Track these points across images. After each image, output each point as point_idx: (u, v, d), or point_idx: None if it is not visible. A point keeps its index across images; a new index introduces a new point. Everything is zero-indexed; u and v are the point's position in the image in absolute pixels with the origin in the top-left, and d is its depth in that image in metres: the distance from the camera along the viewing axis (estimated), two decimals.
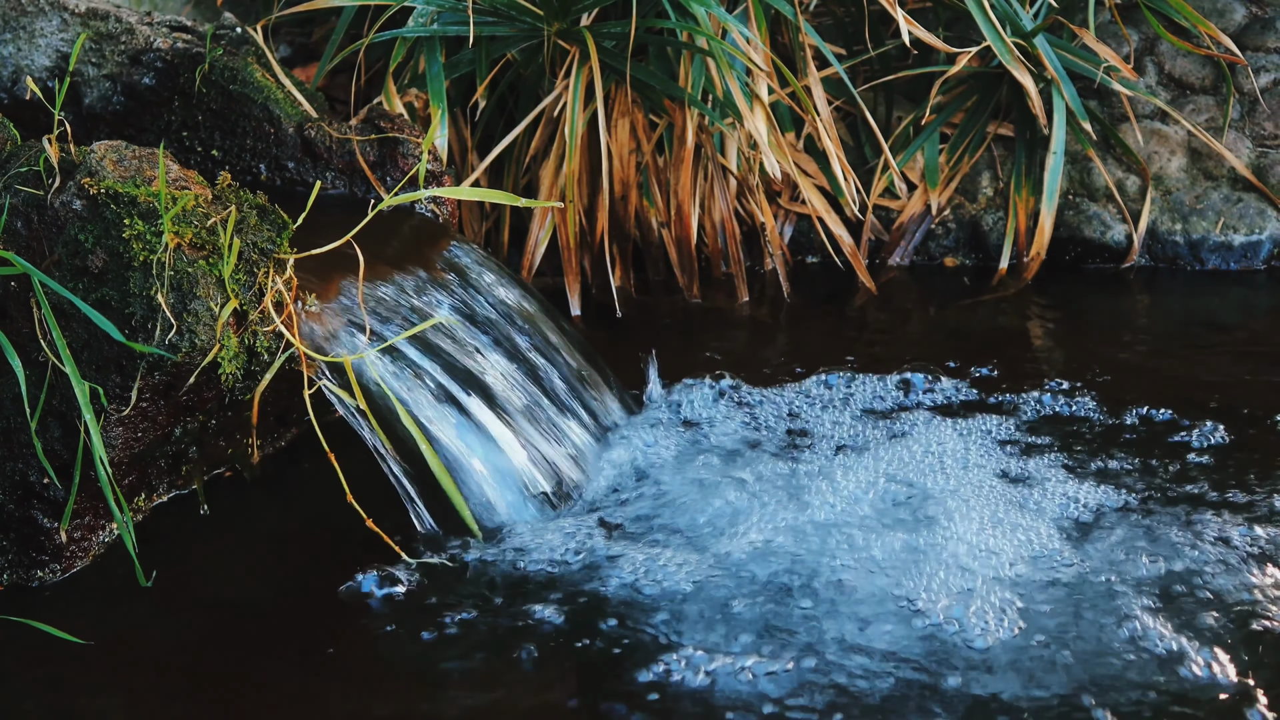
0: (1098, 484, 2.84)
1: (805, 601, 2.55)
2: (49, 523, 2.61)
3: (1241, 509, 2.76)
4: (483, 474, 2.78)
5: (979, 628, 2.45)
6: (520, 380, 2.91)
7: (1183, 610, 2.50)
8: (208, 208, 2.56)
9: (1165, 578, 2.57)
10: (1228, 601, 2.52)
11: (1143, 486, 2.85)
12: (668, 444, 3.00)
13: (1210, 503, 2.79)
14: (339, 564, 2.68)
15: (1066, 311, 3.64)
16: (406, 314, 2.80)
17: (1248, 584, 2.56)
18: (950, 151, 3.85)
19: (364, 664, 2.49)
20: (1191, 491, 2.83)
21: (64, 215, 2.54)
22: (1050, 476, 2.87)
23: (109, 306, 2.50)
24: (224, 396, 2.65)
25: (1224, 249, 3.77)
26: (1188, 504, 2.79)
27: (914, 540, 2.65)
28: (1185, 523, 2.71)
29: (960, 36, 3.78)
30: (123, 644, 2.54)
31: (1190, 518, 2.73)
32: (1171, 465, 2.91)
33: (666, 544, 2.71)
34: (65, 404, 2.53)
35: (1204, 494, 2.82)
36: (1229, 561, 2.61)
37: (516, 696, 2.41)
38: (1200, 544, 2.65)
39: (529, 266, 3.58)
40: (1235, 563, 2.61)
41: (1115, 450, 2.96)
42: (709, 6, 3.45)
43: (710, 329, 3.55)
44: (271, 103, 3.14)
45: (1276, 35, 3.94)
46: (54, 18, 3.18)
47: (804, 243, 3.85)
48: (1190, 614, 2.49)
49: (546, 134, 3.57)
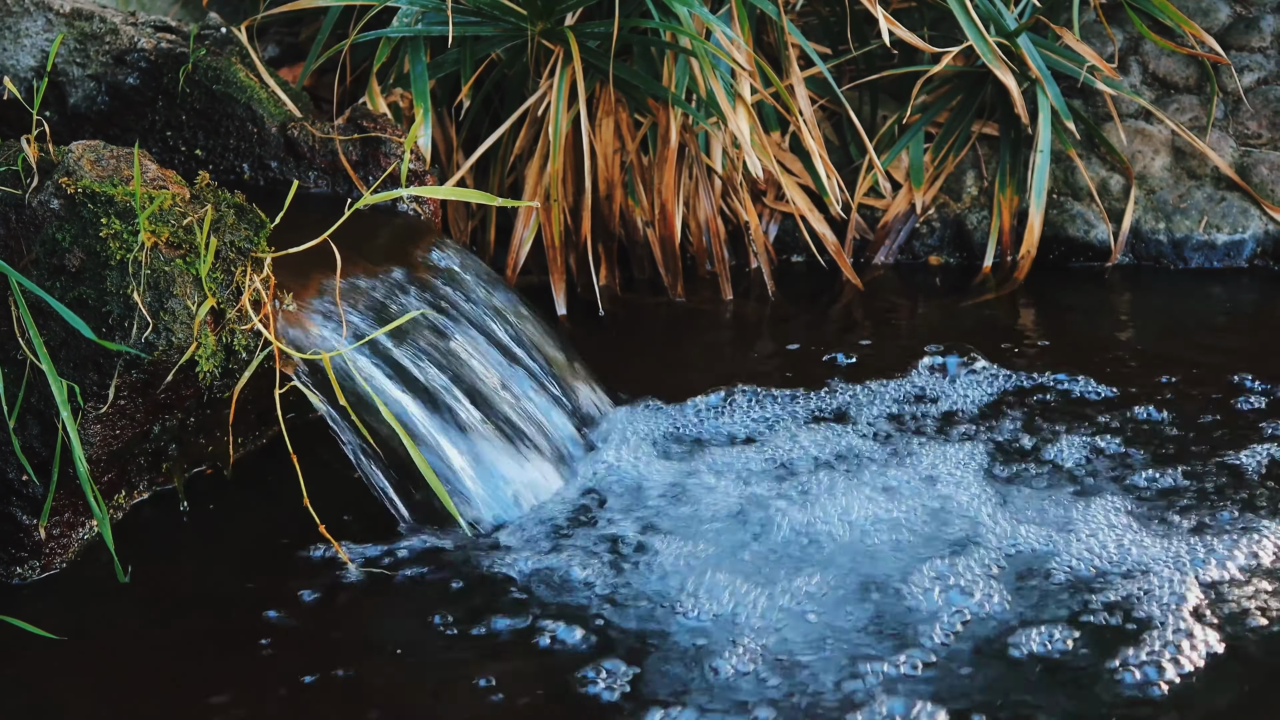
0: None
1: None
2: (28, 520, 2.62)
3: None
4: (462, 469, 2.79)
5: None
6: (500, 378, 2.92)
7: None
8: (185, 207, 2.58)
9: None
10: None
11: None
12: (643, 443, 3.02)
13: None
14: (318, 561, 2.70)
15: (1052, 309, 3.66)
16: (385, 311, 2.81)
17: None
18: (935, 150, 3.86)
19: (343, 660, 2.50)
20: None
21: (42, 214, 2.56)
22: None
23: (86, 305, 2.52)
24: (202, 394, 2.67)
25: (1207, 248, 3.78)
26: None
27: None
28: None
29: (945, 36, 3.79)
30: (102, 640, 2.56)
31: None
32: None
33: (640, 538, 2.73)
34: (44, 401, 2.55)
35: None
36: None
37: (498, 689, 2.43)
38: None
39: (514, 265, 3.59)
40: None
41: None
42: (692, 6, 3.47)
43: (693, 328, 3.56)
44: (255, 102, 3.16)
45: (1260, 35, 3.95)
46: (39, 18, 3.20)
47: (789, 241, 3.86)
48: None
49: (531, 133, 3.58)
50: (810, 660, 2.42)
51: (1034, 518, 2.75)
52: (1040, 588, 2.58)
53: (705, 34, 3.54)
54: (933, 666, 2.40)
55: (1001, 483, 2.88)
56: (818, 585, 2.58)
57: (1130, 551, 2.65)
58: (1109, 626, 2.48)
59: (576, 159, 3.54)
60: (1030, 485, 2.87)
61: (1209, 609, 2.51)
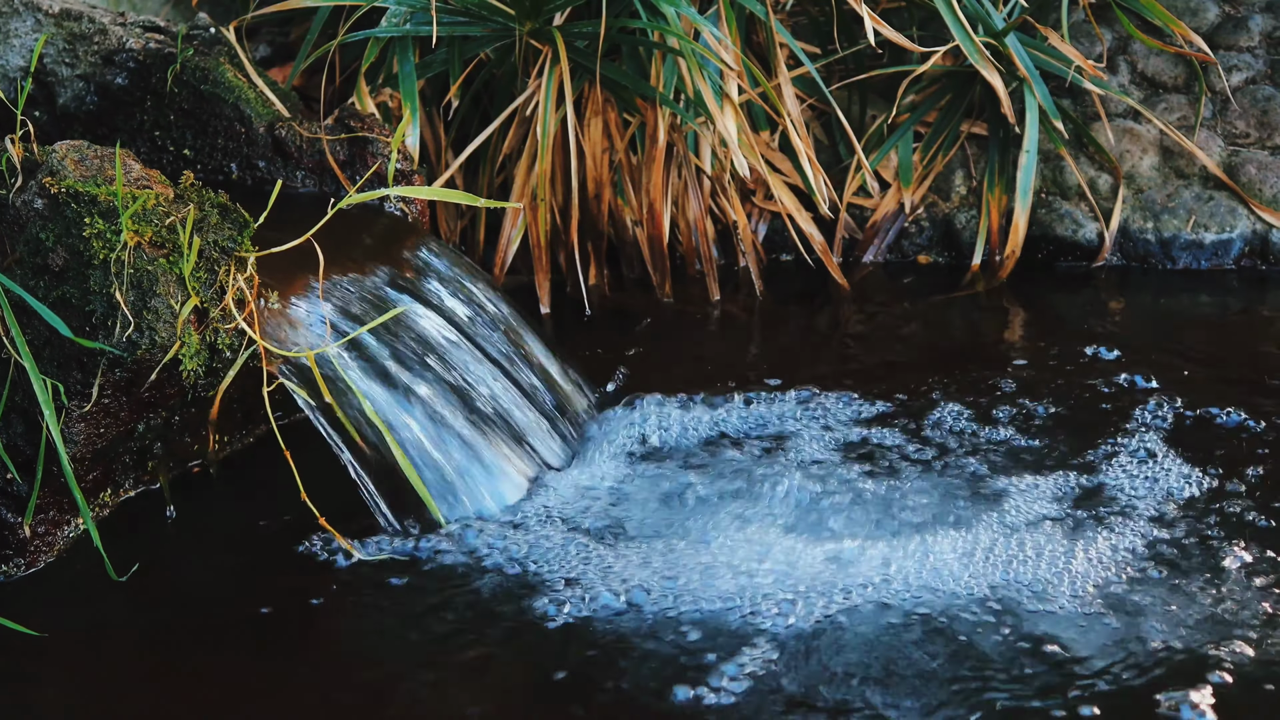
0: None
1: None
2: (13, 518, 2.64)
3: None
4: (445, 467, 2.80)
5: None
6: (483, 376, 2.93)
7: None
8: (168, 206, 2.59)
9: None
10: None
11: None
12: (626, 442, 3.03)
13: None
14: (304, 558, 2.72)
15: (1037, 309, 3.67)
16: (369, 311, 2.82)
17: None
18: (924, 150, 3.86)
19: (328, 656, 2.52)
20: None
21: (25, 214, 2.57)
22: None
23: (70, 304, 2.54)
24: (187, 393, 2.68)
25: (1195, 247, 3.79)
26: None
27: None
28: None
29: (934, 36, 3.79)
30: (87, 637, 2.57)
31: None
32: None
33: (620, 538, 2.75)
34: (28, 400, 2.56)
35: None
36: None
37: (481, 683, 2.45)
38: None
39: (501, 264, 3.60)
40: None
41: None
42: (679, 6, 3.48)
43: (680, 327, 3.57)
44: (242, 102, 3.17)
45: (1249, 34, 3.95)
46: (28, 18, 3.22)
47: (778, 241, 3.87)
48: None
49: (520, 133, 3.59)
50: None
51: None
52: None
53: (693, 34, 3.55)
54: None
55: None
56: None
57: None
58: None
59: (565, 158, 3.55)
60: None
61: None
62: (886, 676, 2.40)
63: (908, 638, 2.48)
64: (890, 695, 2.37)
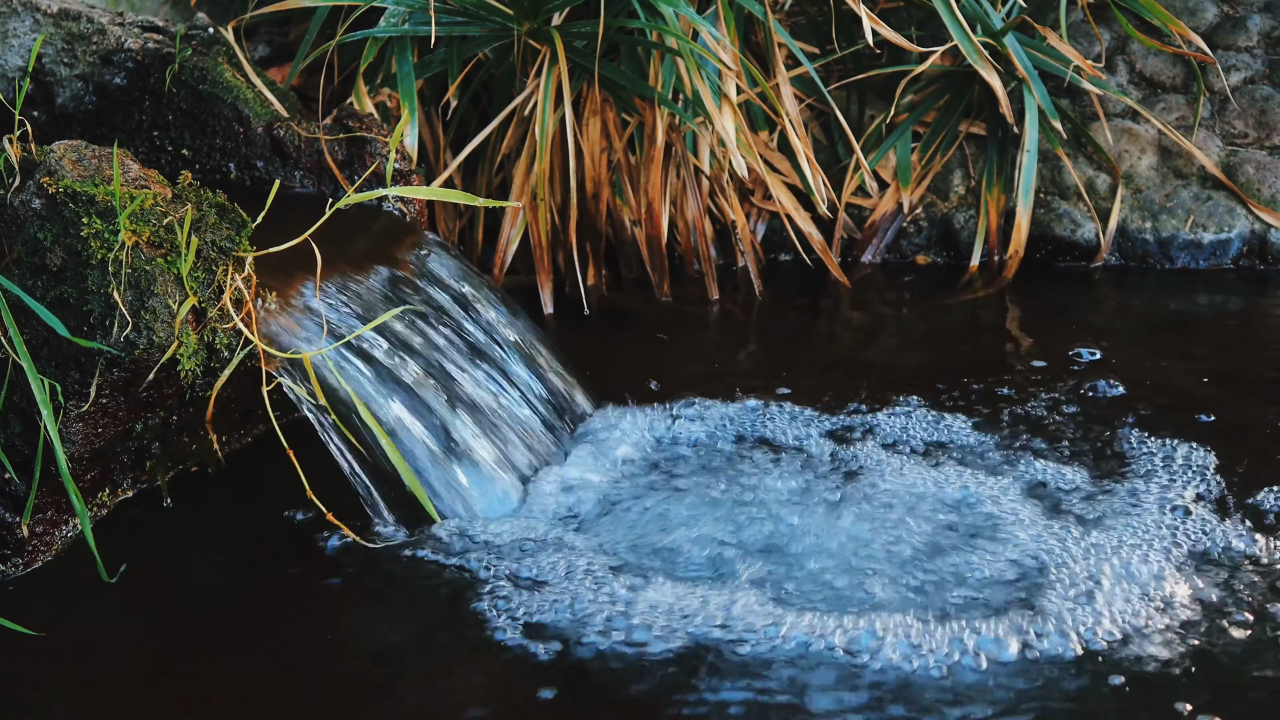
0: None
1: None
2: (10, 517, 2.64)
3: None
4: (441, 467, 2.81)
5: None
6: (482, 376, 2.93)
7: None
8: (166, 206, 2.59)
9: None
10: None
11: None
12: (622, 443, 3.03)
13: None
14: (302, 558, 2.72)
15: (1036, 308, 3.67)
16: (367, 310, 2.82)
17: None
18: (923, 150, 3.87)
19: (326, 655, 2.52)
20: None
21: (23, 214, 2.58)
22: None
23: (67, 304, 2.54)
24: (184, 393, 2.68)
25: (1193, 247, 3.79)
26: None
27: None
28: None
29: (933, 36, 3.79)
30: (84, 637, 2.57)
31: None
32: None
33: (615, 540, 2.75)
34: (26, 400, 2.56)
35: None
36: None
37: (477, 682, 2.45)
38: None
39: (501, 264, 3.60)
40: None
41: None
42: (677, 6, 3.48)
43: (679, 327, 3.57)
44: (241, 102, 3.17)
45: (1247, 34, 3.95)
46: (26, 18, 3.22)
47: (777, 240, 3.87)
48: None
49: (519, 133, 3.60)
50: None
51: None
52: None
53: (692, 34, 3.55)
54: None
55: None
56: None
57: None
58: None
59: (564, 158, 3.55)
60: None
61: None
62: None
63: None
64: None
